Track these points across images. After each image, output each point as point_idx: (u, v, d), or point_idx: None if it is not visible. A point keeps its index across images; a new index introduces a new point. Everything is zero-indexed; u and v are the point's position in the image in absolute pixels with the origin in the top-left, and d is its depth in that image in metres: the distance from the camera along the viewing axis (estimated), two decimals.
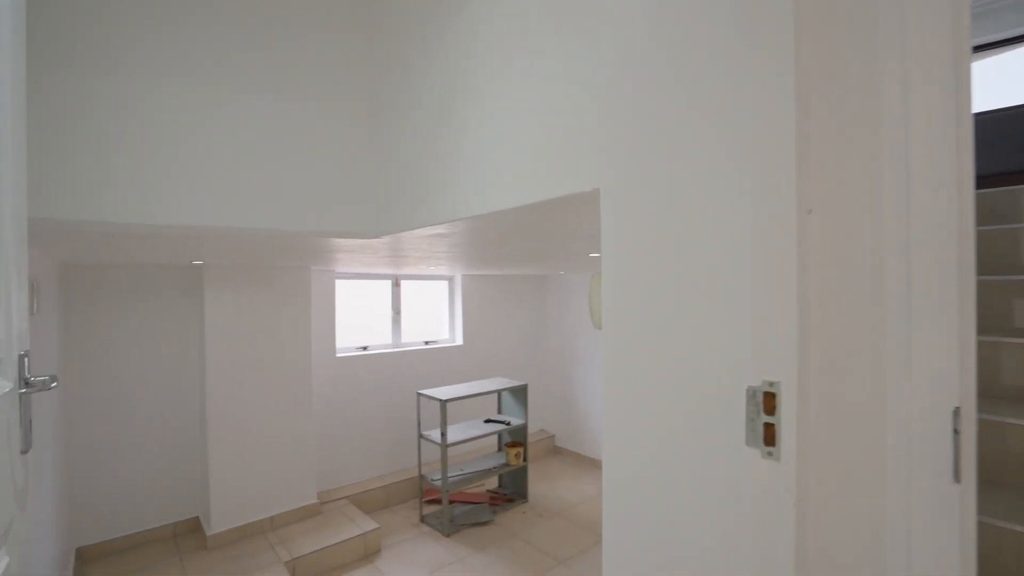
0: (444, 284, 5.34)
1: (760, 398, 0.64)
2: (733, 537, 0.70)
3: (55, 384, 0.77)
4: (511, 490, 4.61)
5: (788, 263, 0.62)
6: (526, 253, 2.38)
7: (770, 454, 0.63)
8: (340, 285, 4.51)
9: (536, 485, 4.83)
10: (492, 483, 4.77)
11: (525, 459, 4.41)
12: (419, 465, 4.16)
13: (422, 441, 4.14)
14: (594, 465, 5.32)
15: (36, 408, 2.06)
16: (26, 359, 0.77)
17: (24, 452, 0.77)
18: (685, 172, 0.77)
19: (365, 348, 4.69)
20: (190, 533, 3.60)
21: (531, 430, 5.60)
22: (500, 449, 4.73)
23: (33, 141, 1.19)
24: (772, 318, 0.63)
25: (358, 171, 1.69)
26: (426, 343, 5.11)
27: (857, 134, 0.60)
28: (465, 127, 1.29)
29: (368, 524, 3.67)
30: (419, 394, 4.12)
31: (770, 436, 0.63)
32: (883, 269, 0.58)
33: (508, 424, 4.40)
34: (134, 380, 3.47)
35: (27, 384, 0.76)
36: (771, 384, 0.63)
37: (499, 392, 4.63)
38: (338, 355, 4.39)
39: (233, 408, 3.54)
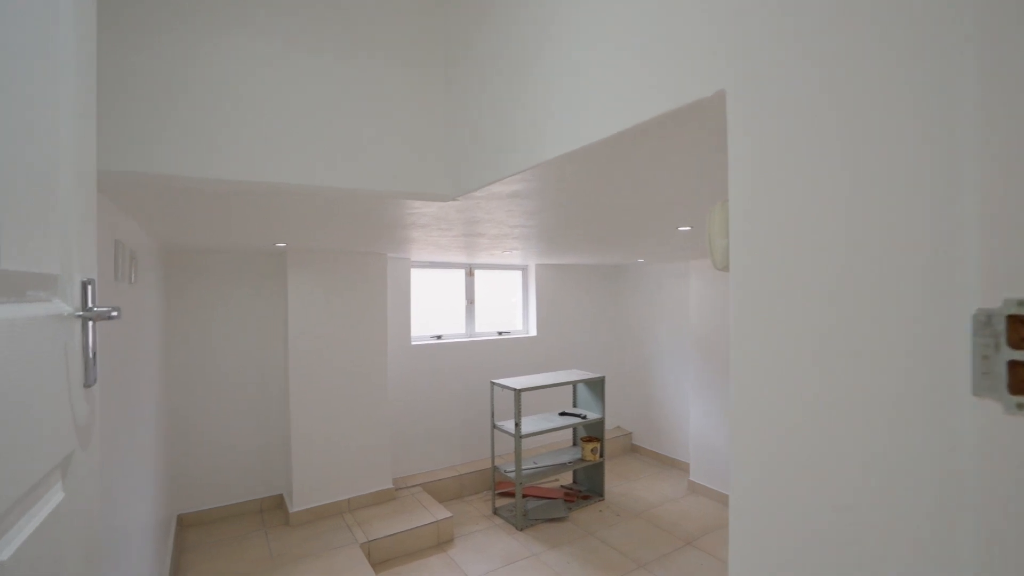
0: (518, 274, 5.24)
1: (1001, 326, 0.44)
2: (952, 539, 0.50)
3: (116, 314, 0.71)
4: (586, 487, 4.41)
5: None
6: (608, 223, 2.20)
7: (1022, 407, 0.43)
8: (415, 274, 4.54)
9: (613, 483, 4.60)
10: (566, 479, 4.60)
11: (602, 455, 4.20)
12: (492, 456, 4.08)
13: (495, 432, 4.05)
14: (674, 466, 4.99)
15: (141, 382, 2.17)
16: (89, 287, 0.72)
17: (88, 386, 0.72)
18: (864, 32, 0.58)
19: (439, 337, 4.68)
20: (274, 509, 3.74)
21: (607, 427, 5.36)
22: (575, 444, 4.55)
23: (105, 97, 1.19)
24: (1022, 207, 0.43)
25: (433, 128, 1.59)
26: (499, 333, 5.04)
27: None
28: (552, 61, 1.15)
29: (441, 512, 3.63)
30: (493, 383, 4.04)
31: (1020, 381, 0.43)
32: None
33: (584, 418, 4.21)
34: (226, 362, 3.65)
35: (88, 312, 0.70)
36: (1021, 304, 0.43)
37: (574, 384, 4.45)
38: (413, 343, 4.41)
39: (314, 392, 3.63)
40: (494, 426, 4.00)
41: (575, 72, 1.07)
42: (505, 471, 3.92)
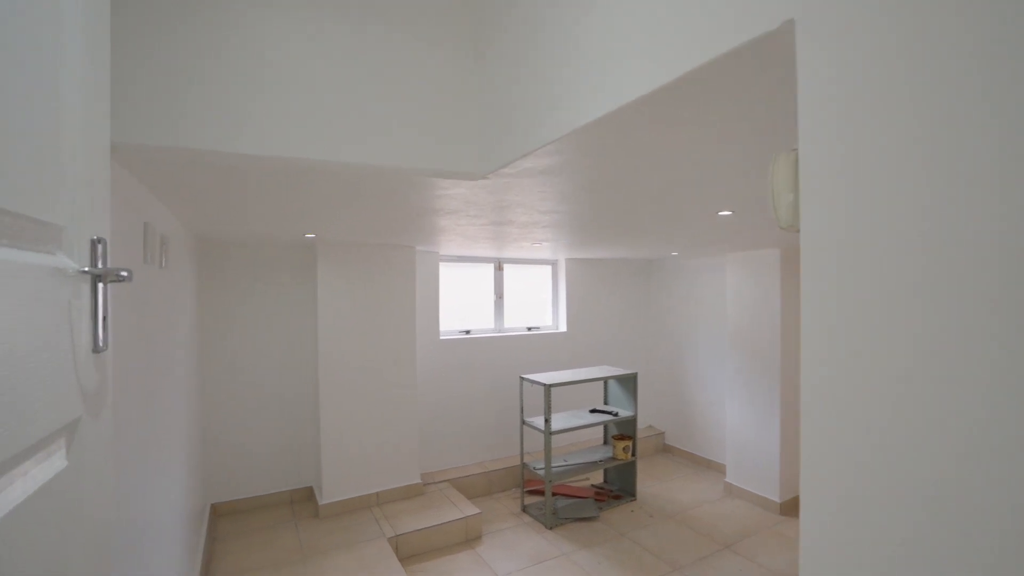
0: (547, 269, 5.15)
1: None
2: None
3: (126, 273, 0.67)
4: (618, 486, 4.29)
5: None
6: (644, 206, 2.10)
7: None
8: (444, 269, 4.50)
9: (645, 483, 4.47)
10: (597, 478, 4.49)
11: (634, 454, 4.08)
12: (521, 453, 4.00)
13: (524, 428, 3.98)
14: (710, 467, 4.82)
15: (174, 368, 2.18)
16: (100, 247, 0.68)
17: (97, 352, 0.67)
18: None
19: (468, 332, 4.64)
20: (304, 501, 3.76)
21: (638, 426, 5.22)
22: (606, 442, 4.44)
23: (130, 69, 1.17)
24: None
25: (463, 102, 1.53)
26: (529, 329, 4.96)
27: None
28: (587, 18, 1.07)
29: (469, 509, 3.58)
30: (522, 378, 3.96)
31: None
32: None
33: (615, 415, 4.09)
34: (258, 354, 3.69)
35: (96, 270, 0.66)
36: None
37: (605, 380, 4.34)
38: (442, 338, 4.38)
39: (343, 385, 3.63)
40: (523, 422, 3.92)
41: (610, 27, 0.99)
42: (534, 468, 3.85)
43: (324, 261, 3.56)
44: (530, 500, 4.09)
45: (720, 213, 2.19)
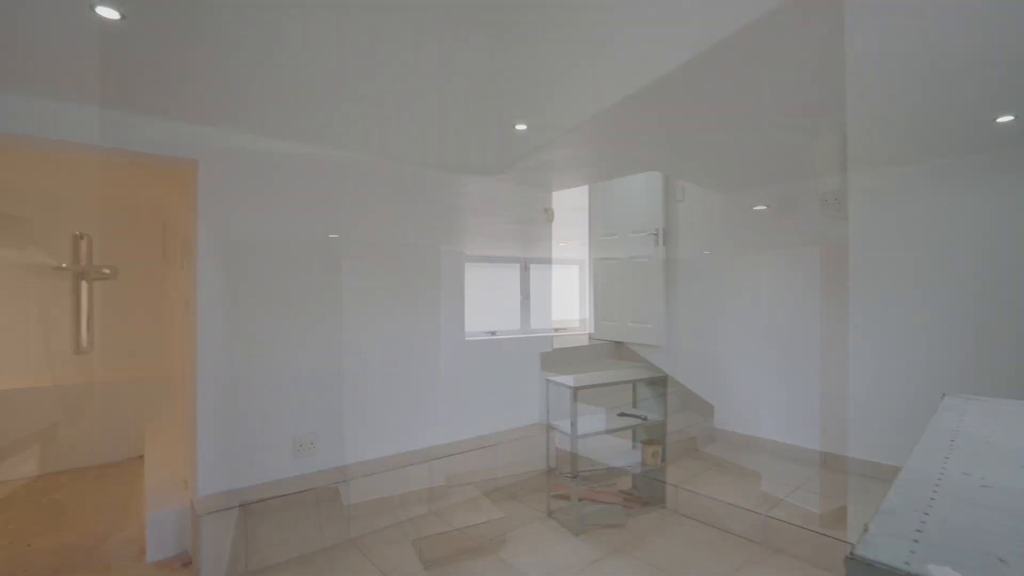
0: (575, 269, 5.05)
1: None
2: None
3: (108, 271, 0.63)
4: (647, 493, 4.16)
5: None
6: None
7: None
8: (469, 269, 4.44)
9: (675, 490, 4.31)
10: (625, 483, 4.37)
11: (664, 459, 3.94)
12: (547, 457, 3.92)
13: (550, 431, 3.89)
14: (744, 474, 4.62)
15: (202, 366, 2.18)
16: (83, 241, 0.64)
17: (80, 353, 0.63)
18: None
19: (494, 333, 4.59)
20: (329, 500, 3.77)
21: (668, 430, 5.06)
22: (635, 447, 4.31)
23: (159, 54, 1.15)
24: None
25: (486, 104, 1.47)
26: (556, 330, 4.87)
27: None
28: None
29: (494, 512, 3.52)
30: (548, 380, 3.88)
31: None
32: None
33: (644, 419, 3.97)
34: (284, 355, 3.71)
35: (76, 267, 0.62)
36: None
37: (634, 383, 4.22)
38: (467, 338, 4.34)
39: (368, 383, 3.63)
40: (549, 425, 3.84)
41: None
42: (561, 472, 3.76)
43: (348, 262, 3.55)
44: (556, 505, 4.00)
45: (755, 208, 2.07)
